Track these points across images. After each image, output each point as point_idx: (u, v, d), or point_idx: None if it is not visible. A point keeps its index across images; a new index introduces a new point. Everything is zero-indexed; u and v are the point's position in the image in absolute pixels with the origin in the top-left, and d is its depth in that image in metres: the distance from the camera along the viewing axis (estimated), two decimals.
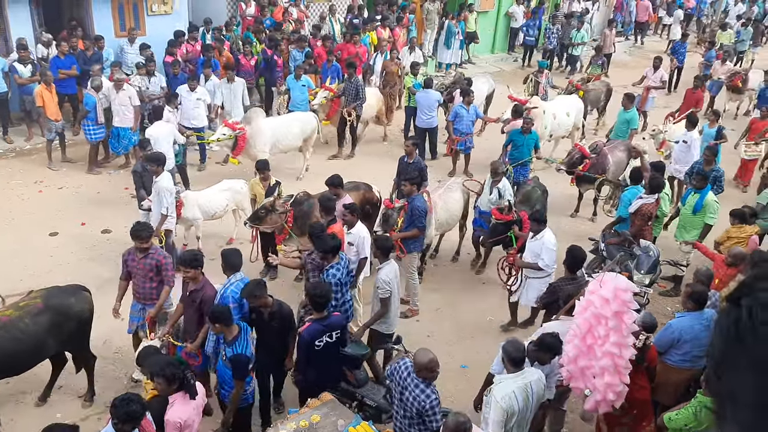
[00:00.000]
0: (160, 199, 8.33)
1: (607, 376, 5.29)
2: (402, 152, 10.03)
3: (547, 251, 7.40)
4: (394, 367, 5.35)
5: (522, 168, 10.69)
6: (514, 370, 5.19)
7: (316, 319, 5.92)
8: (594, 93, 14.59)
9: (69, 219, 10.25)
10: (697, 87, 14.07)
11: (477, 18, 19.39)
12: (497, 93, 14.71)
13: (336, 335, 5.99)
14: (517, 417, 5.10)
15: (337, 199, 7.94)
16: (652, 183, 8.64)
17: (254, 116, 11.07)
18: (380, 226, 8.51)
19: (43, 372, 6.76)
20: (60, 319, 6.27)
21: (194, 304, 6.26)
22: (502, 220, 8.32)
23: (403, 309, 8.51)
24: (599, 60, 17.01)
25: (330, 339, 5.94)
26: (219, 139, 10.77)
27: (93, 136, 11.58)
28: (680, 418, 5.11)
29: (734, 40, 20.23)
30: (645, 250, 7.85)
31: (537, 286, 7.50)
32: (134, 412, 4.38)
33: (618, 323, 5.20)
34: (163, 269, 6.77)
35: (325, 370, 6.00)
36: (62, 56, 12.32)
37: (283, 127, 11.37)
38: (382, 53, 14.63)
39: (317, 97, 12.28)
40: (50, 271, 8.82)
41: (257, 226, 8.18)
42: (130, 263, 6.79)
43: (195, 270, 6.20)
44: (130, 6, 14.17)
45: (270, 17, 15.91)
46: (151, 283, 6.79)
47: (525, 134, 10.73)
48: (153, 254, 6.76)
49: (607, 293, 5.23)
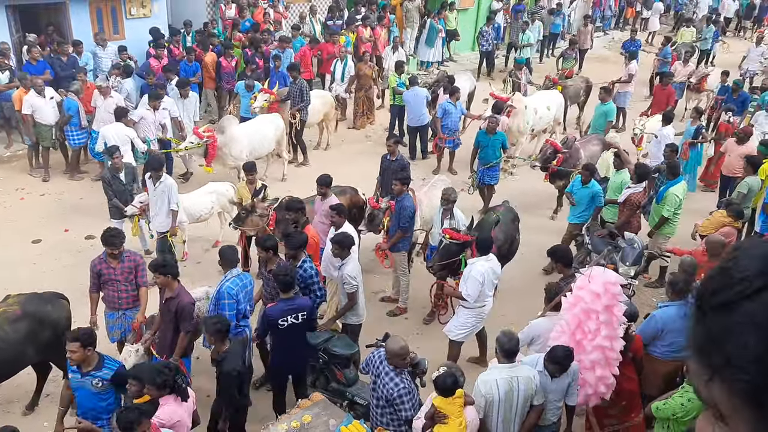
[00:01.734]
0: (170, 196, 8.38)
1: (598, 369, 5.34)
2: (385, 151, 10.04)
3: (471, 280, 6.70)
4: (370, 357, 5.48)
5: (489, 170, 10.58)
6: (505, 362, 5.25)
7: (282, 299, 6.06)
8: (573, 89, 14.61)
9: (52, 226, 10.16)
10: (666, 84, 14.12)
11: (457, 16, 19.44)
12: (478, 90, 14.78)
13: (302, 316, 6.07)
14: (499, 408, 5.13)
15: (323, 199, 7.97)
16: (638, 172, 8.73)
17: (227, 124, 10.88)
18: (365, 225, 8.54)
19: (30, 381, 6.70)
20: (36, 327, 6.14)
21: (170, 313, 6.16)
22: (457, 240, 7.38)
23: (391, 307, 8.58)
24: (573, 54, 16.96)
25: (296, 320, 6.03)
26: (187, 147, 10.61)
27: (75, 141, 11.47)
28: (668, 408, 5.17)
29: (696, 39, 20.05)
30: (629, 242, 7.91)
31: (461, 319, 6.97)
32: (131, 421, 4.36)
33: (609, 317, 5.26)
34: (140, 269, 6.72)
35: (290, 352, 6.16)
36: (34, 62, 12.06)
37: (258, 134, 11.19)
38: (342, 59, 14.02)
39: (257, 100, 11.89)
40: (34, 279, 8.72)
41: (240, 227, 8.18)
42: (105, 272, 6.61)
43: (164, 277, 6.11)
44: (108, 10, 14.05)
45: (250, 18, 15.87)
46: (131, 286, 6.71)
47: (490, 134, 10.59)
48: (129, 257, 6.70)
49: (597, 288, 5.28)
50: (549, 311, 6.21)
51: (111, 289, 6.69)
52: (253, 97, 11.99)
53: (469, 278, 6.74)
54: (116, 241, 6.56)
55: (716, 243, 7.27)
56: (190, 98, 11.82)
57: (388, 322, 8.17)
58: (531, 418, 5.33)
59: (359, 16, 17.11)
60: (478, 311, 6.87)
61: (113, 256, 6.59)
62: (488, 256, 6.83)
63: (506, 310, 8.29)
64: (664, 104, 13.64)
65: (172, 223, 8.50)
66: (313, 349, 6.44)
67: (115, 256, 6.59)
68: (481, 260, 6.80)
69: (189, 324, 6.13)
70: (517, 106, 12.15)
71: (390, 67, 15.22)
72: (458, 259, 7.31)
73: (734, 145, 10.80)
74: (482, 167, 10.57)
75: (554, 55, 20.07)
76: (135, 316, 6.75)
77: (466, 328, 6.95)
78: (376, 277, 8.99)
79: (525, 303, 8.83)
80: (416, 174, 11.05)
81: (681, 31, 20.65)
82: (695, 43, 19.37)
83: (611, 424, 5.88)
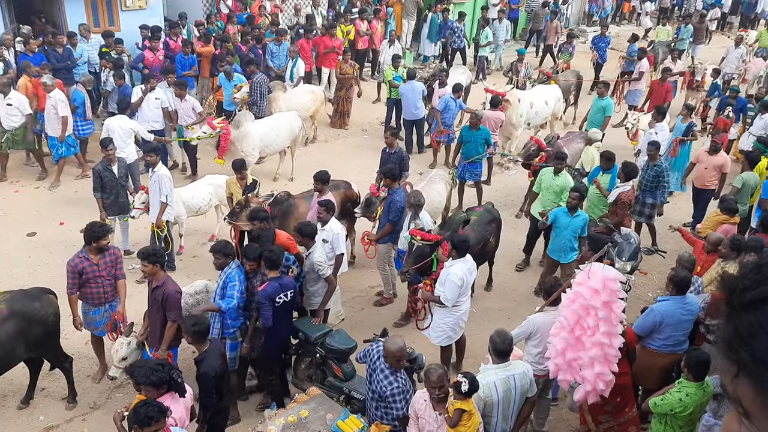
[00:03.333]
0: (160, 187, 8.32)
1: (597, 366, 5.34)
2: (383, 144, 10.02)
3: (449, 284, 6.53)
4: (367, 350, 5.49)
5: (472, 167, 10.47)
6: (498, 361, 5.24)
7: (272, 278, 6.30)
8: (564, 83, 14.54)
9: (47, 219, 10.10)
10: (664, 79, 14.00)
11: (453, 10, 19.37)
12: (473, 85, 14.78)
13: (290, 294, 6.39)
14: (499, 408, 5.15)
15: (320, 196, 7.98)
16: (625, 170, 8.72)
17: (242, 120, 10.86)
18: (361, 209, 8.67)
19: (23, 376, 6.68)
20: (24, 325, 6.08)
21: (157, 302, 6.17)
22: (429, 241, 7.14)
23: (377, 298, 8.68)
24: (570, 48, 16.89)
25: (286, 298, 6.34)
26: (199, 137, 10.64)
27: (81, 132, 11.35)
28: (666, 404, 5.18)
29: (672, 38, 19.49)
30: (626, 237, 7.90)
31: (439, 322, 6.79)
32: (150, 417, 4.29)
33: (608, 313, 5.25)
34: (119, 262, 6.72)
35: (282, 329, 6.48)
36: (30, 54, 12.00)
37: (272, 132, 11.14)
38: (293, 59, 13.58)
39: (240, 91, 11.77)
40: (31, 273, 8.71)
41: (234, 222, 8.16)
42: (88, 269, 6.50)
43: (153, 266, 6.08)
44: (103, 1, 13.95)
45: (248, 11, 15.81)
46: (113, 280, 6.67)
47: (473, 129, 10.54)
48: (110, 250, 6.67)
49: (596, 284, 5.27)
50: (547, 306, 6.22)
51: (95, 285, 6.57)
52: (235, 87, 11.87)
53: (447, 281, 6.56)
54: (101, 232, 6.48)
55: (716, 240, 7.30)
56: (187, 100, 11.23)
57: (388, 317, 8.19)
58: (525, 411, 5.37)
59: (355, 9, 17.05)
60: (453, 310, 6.71)
61: (99, 249, 6.50)
62: (465, 258, 6.69)
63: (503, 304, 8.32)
64: (661, 100, 13.60)
65: (158, 215, 8.37)
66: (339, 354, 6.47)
67: (100, 250, 6.51)
68: (458, 263, 6.61)
69: (175, 313, 6.13)
70: (511, 99, 12.13)
71: (386, 60, 15.17)
72: (430, 259, 7.13)
73: (706, 156, 9.99)
74: (464, 162, 10.49)
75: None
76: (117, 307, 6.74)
77: (443, 330, 6.79)
78: (372, 271, 8.98)
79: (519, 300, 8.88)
80: (413, 168, 11.03)
81: (657, 30, 20.24)
82: (672, 43, 18.76)
83: (606, 420, 5.89)
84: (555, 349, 5.59)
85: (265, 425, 5.40)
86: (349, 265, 9.37)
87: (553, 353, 5.62)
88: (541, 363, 5.97)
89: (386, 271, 8.49)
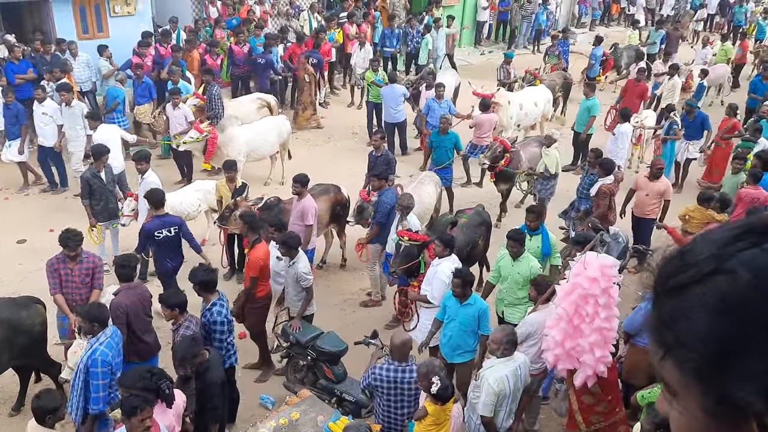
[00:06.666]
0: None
1: (597, 350, 5.36)
2: (370, 147, 10.03)
3: (437, 282, 6.52)
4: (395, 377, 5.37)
5: (442, 172, 10.31)
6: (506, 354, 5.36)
7: (155, 215, 7.48)
8: (549, 84, 14.42)
9: (37, 226, 10.07)
10: (639, 80, 13.81)
11: (443, 12, 19.46)
12: (462, 87, 14.78)
13: (174, 230, 7.52)
14: (508, 400, 5.28)
15: (299, 198, 7.99)
16: (604, 168, 8.81)
17: (228, 124, 10.88)
18: (353, 217, 8.61)
19: (14, 383, 6.66)
20: (9, 333, 6.05)
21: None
22: (416, 241, 7.13)
23: (365, 299, 8.69)
24: (556, 50, 16.85)
25: (169, 233, 7.47)
26: (186, 141, 10.63)
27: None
28: (652, 395, 5.20)
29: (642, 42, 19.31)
30: (614, 237, 7.97)
31: (426, 322, 6.69)
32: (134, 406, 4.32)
33: (608, 300, 5.28)
34: (97, 272, 6.67)
35: (168, 257, 7.60)
36: (16, 61, 11.94)
37: (259, 137, 11.11)
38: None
39: (187, 103, 11.47)
40: (21, 280, 8.68)
41: (224, 226, 8.17)
42: (63, 273, 6.51)
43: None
44: (92, 8, 13.96)
45: (237, 17, 15.83)
46: (86, 289, 6.60)
47: (442, 134, 10.49)
48: (87, 258, 6.62)
49: (594, 273, 5.29)
50: (540, 304, 6.24)
51: (66, 290, 6.54)
52: (183, 99, 11.46)
53: (434, 279, 6.56)
54: (71, 243, 6.43)
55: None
56: (180, 108, 11.12)
57: (379, 319, 8.19)
58: (524, 402, 5.54)
59: (344, 13, 17.08)
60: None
61: (71, 257, 6.49)
62: (451, 257, 6.68)
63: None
64: (636, 99, 13.43)
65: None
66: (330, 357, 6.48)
67: (72, 258, 6.50)
68: (445, 261, 6.61)
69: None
70: (500, 101, 12.18)
71: (357, 63, 15.13)
72: (418, 260, 7.13)
73: (646, 182, 9.16)
74: (435, 168, 10.41)
75: (540, 51, 20.10)
76: None
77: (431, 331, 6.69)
78: (362, 274, 9.00)
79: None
80: (403, 171, 11.06)
81: (629, 34, 20.05)
82: (642, 47, 18.54)
83: (597, 421, 5.91)
84: (554, 341, 5.56)
85: (256, 428, 5.42)
86: (340, 267, 9.47)
87: (551, 344, 5.59)
88: (537, 363, 6.01)
89: (375, 272, 8.51)
